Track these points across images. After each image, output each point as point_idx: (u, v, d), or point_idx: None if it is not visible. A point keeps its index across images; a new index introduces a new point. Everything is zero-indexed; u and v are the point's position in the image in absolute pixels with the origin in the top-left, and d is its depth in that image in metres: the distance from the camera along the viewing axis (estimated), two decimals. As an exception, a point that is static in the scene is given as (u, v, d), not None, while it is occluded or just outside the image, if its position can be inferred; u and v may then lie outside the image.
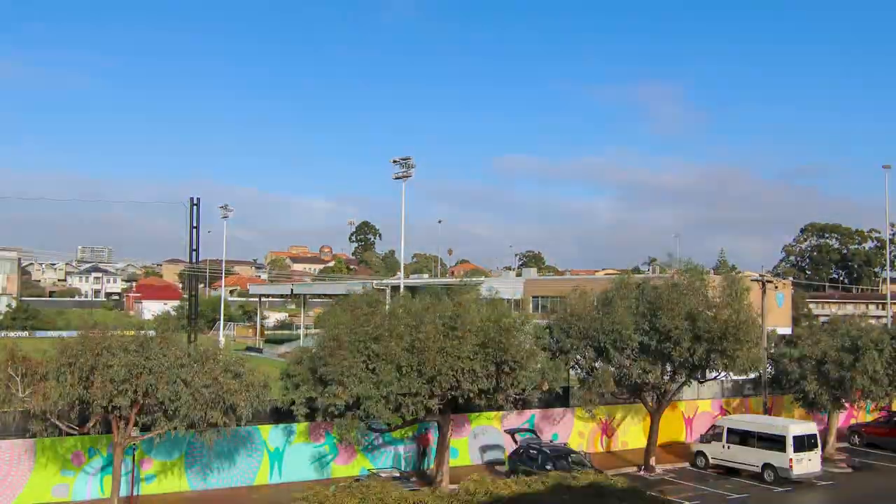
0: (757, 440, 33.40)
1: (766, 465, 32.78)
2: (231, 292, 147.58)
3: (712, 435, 35.57)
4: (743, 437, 33.99)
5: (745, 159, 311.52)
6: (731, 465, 34.13)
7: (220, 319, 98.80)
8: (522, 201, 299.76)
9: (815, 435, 33.41)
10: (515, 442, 32.88)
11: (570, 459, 30.20)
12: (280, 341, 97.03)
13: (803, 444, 32.58)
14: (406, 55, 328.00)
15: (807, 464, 32.48)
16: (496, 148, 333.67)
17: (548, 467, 28.96)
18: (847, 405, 39.38)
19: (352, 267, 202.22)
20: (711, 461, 34.79)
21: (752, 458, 33.42)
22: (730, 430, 34.61)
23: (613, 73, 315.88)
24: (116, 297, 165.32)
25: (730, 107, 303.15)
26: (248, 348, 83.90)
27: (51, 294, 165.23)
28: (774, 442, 32.70)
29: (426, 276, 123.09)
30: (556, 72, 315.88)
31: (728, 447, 34.40)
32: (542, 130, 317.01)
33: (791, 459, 32.07)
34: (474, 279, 54.12)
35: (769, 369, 40.44)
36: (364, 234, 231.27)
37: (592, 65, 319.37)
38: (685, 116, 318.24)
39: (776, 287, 51.30)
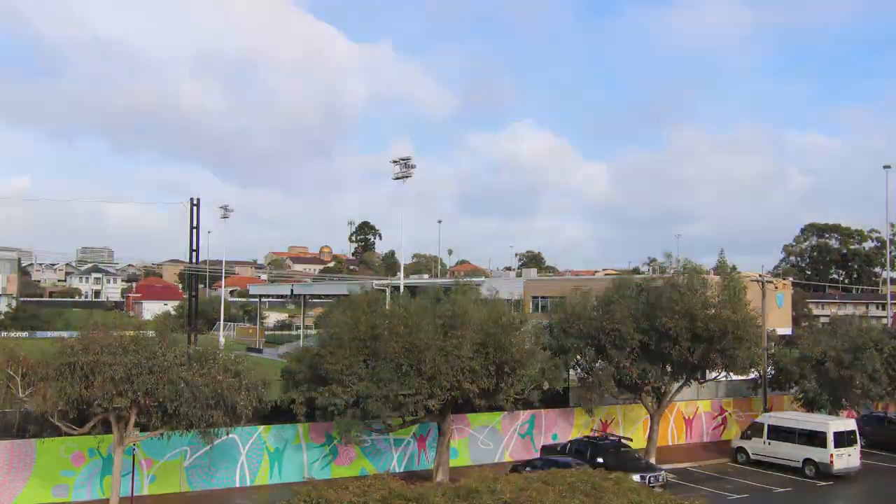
0: (798, 436, 34.28)
1: (807, 461, 33.73)
2: (231, 293, 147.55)
3: (753, 431, 36.38)
4: (784, 434, 34.85)
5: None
6: (771, 460, 34.84)
7: (220, 320, 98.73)
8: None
9: (855, 431, 34.40)
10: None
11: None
12: (280, 341, 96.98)
13: (843, 440, 33.58)
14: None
15: (847, 459, 33.50)
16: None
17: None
18: (847, 405, 39.39)
19: (352, 267, 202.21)
20: (752, 457, 35.60)
21: (793, 453, 34.27)
22: (771, 427, 35.47)
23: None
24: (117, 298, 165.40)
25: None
26: (249, 348, 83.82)
27: (51, 294, 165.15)
28: (815, 438, 33.59)
29: (426, 276, 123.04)
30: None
31: (769, 443, 35.30)
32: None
33: (832, 455, 33.01)
34: (474, 279, 54.16)
35: (769, 369, 40.46)
36: (364, 234, 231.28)
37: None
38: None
39: (776, 287, 51.32)
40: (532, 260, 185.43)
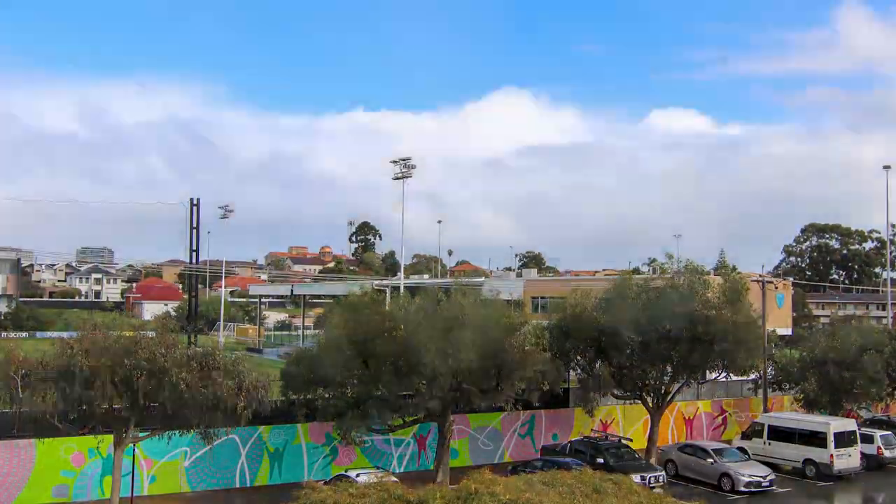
0: (798, 436, 34.31)
1: (807, 461, 33.70)
2: (231, 293, 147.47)
3: (753, 431, 36.42)
4: (784, 434, 34.86)
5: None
6: (771, 460, 34.67)
7: (220, 320, 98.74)
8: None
9: (855, 431, 34.34)
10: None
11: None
12: (280, 342, 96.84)
13: (844, 440, 33.53)
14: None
15: (847, 459, 33.43)
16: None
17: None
18: (847, 406, 39.40)
19: (352, 267, 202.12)
20: (752, 457, 35.29)
21: (793, 453, 34.33)
22: (771, 427, 35.50)
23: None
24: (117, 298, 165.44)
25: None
26: (248, 349, 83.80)
27: (51, 295, 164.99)
28: (815, 438, 33.58)
29: (426, 276, 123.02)
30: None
31: (769, 443, 35.27)
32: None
33: (832, 455, 32.95)
34: (474, 279, 54.14)
35: (769, 370, 40.47)
36: (364, 234, 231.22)
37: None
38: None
39: (776, 288, 51.31)
40: (532, 260, 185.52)
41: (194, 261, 69.74)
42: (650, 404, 35.27)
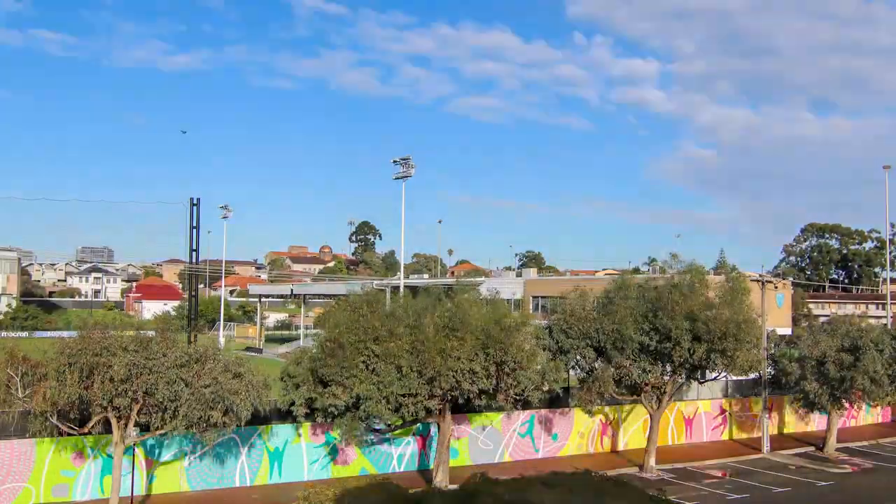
0: None
1: None
2: (231, 292, 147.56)
3: None
4: None
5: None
6: None
7: (220, 319, 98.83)
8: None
9: None
10: None
11: None
12: (280, 341, 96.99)
13: None
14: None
15: None
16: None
17: None
18: (847, 405, 39.40)
19: (352, 267, 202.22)
20: None
21: None
22: None
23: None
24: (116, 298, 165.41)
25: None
26: (248, 348, 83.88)
27: (51, 294, 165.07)
28: None
29: (426, 276, 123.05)
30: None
31: None
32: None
33: None
34: (474, 279, 54.15)
35: (769, 370, 40.47)
36: (364, 234, 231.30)
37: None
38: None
39: (776, 287, 51.29)
40: (532, 260, 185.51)
41: (194, 260, 69.65)
42: (650, 404, 35.27)
